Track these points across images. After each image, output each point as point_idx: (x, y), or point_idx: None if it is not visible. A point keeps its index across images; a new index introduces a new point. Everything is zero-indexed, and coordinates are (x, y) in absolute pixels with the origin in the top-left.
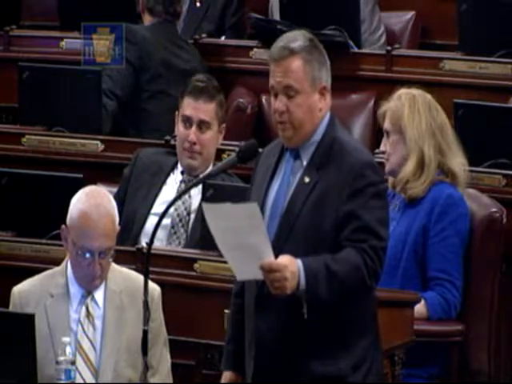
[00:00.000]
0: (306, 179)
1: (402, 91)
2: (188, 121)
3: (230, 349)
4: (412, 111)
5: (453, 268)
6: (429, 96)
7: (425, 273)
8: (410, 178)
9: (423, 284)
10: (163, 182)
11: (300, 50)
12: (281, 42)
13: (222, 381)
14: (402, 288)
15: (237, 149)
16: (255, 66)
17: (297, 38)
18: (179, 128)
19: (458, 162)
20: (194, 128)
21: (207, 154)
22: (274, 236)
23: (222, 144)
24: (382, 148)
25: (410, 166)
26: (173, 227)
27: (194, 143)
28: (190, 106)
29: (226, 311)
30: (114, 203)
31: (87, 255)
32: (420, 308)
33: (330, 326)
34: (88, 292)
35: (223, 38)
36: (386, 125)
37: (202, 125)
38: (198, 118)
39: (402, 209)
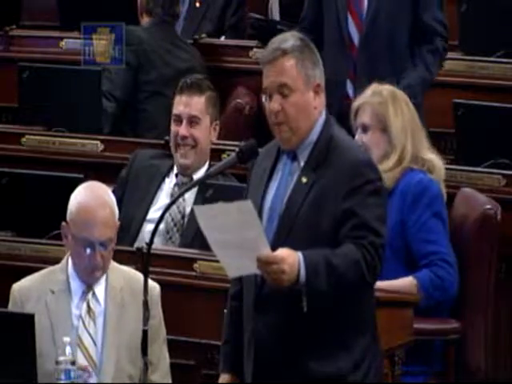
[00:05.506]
0: (304, 179)
1: (382, 87)
2: (178, 118)
3: (227, 350)
4: (395, 109)
5: (440, 247)
6: (401, 92)
7: (410, 265)
8: (387, 172)
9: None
10: (158, 187)
11: (292, 49)
12: (272, 44)
13: (220, 381)
14: None
15: (237, 149)
16: (255, 66)
17: (288, 39)
18: (171, 128)
19: (432, 154)
20: (184, 123)
21: (200, 151)
22: (273, 237)
23: (222, 144)
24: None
25: (391, 161)
26: (167, 232)
27: (186, 137)
28: (178, 104)
29: (226, 311)
30: (112, 196)
31: (88, 249)
32: (406, 282)
33: (329, 325)
34: (89, 288)
35: (223, 38)
36: (366, 119)
37: (193, 119)
38: (186, 113)
39: None
